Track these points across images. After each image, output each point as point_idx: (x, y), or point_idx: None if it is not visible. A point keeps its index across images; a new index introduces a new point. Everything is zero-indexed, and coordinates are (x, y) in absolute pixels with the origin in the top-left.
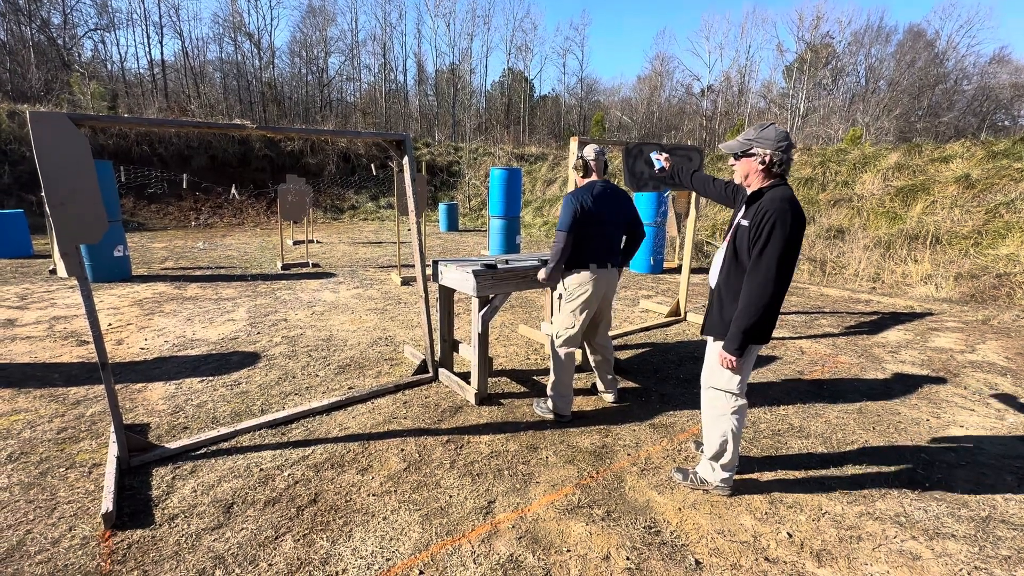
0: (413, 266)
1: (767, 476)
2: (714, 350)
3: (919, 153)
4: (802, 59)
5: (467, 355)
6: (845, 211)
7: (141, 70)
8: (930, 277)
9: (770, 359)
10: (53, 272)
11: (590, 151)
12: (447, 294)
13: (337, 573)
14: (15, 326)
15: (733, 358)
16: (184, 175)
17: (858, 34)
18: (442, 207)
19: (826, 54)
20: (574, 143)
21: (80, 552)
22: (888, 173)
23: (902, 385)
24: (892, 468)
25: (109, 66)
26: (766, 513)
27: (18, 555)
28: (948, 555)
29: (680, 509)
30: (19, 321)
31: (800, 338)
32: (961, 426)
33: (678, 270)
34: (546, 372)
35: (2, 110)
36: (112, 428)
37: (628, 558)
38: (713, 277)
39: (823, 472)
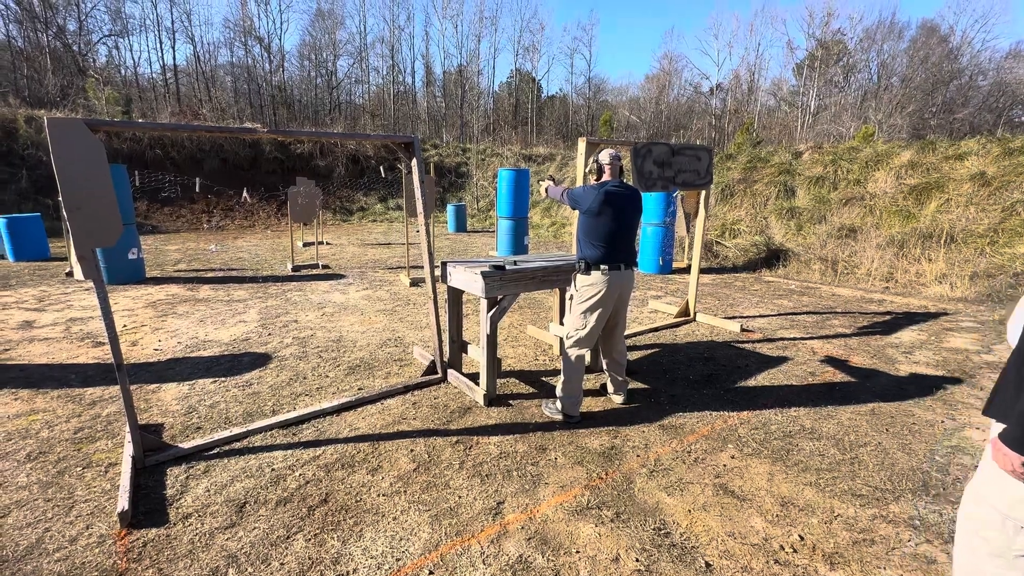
0: (422, 267)
1: (778, 478)
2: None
3: (933, 150)
4: (813, 56)
5: (476, 356)
6: (857, 210)
7: (154, 75)
8: (945, 276)
9: (781, 360)
10: (70, 274)
11: (605, 155)
12: (456, 295)
13: (348, 573)
14: (33, 327)
15: (1018, 459)
16: (196, 178)
17: (870, 30)
18: (450, 208)
19: (837, 51)
20: (582, 143)
21: (97, 550)
22: (901, 171)
23: (916, 386)
24: (906, 470)
25: (123, 71)
26: (777, 515)
27: (37, 552)
28: None
29: (690, 511)
30: (37, 323)
31: (812, 338)
32: (977, 428)
33: (687, 270)
34: (554, 373)
35: (20, 115)
36: (127, 428)
37: (638, 560)
38: (1015, 331)
39: (835, 474)
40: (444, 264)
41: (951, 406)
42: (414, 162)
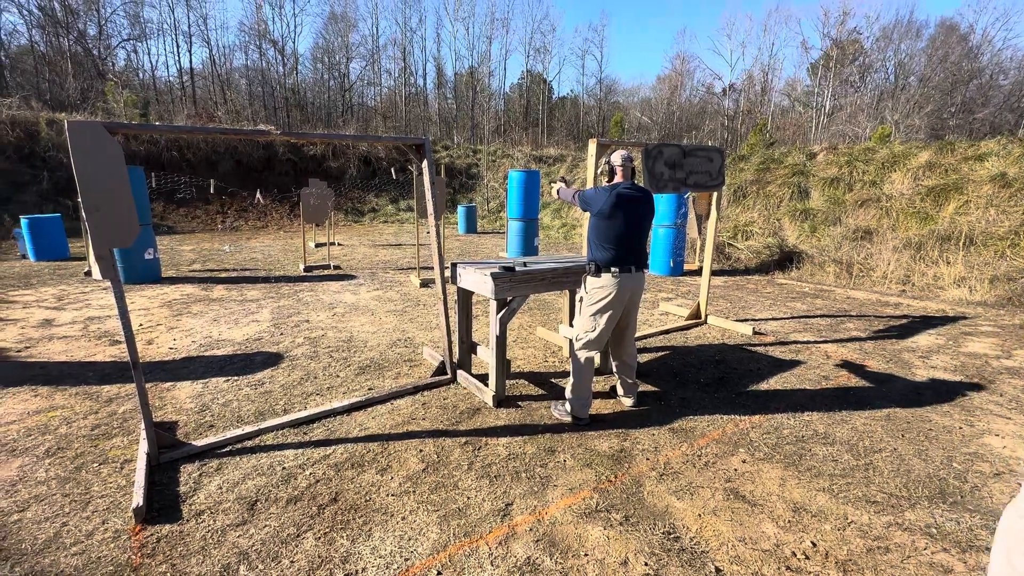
0: (432, 268)
1: (790, 484)
2: None
3: (952, 151)
4: (828, 56)
5: (485, 357)
6: (873, 211)
7: (171, 78)
8: (964, 279)
9: (794, 363)
10: (88, 274)
11: (617, 157)
12: (465, 296)
13: (357, 572)
14: (52, 326)
15: None
16: (211, 180)
17: (887, 29)
18: (461, 209)
19: (853, 50)
20: (593, 145)
21: (112, 545)
22: (919, 172)
23: (933, 391)
24: (922, 477)
25: (141, 75)
26: (789, 521)
27: (55, 546)
28: (982, 569)
29: (700, 515)
30: (56, 321)
31: (825, 342)
32: (996, 435)
33: (698, 272)
34: (564, 375)
35: (42, 118)
36: (143, 426)
37: (646, 564)
38: None
39: (849, 480)
40: (454, 265)
41: (969, 412)
42: (425, 164)
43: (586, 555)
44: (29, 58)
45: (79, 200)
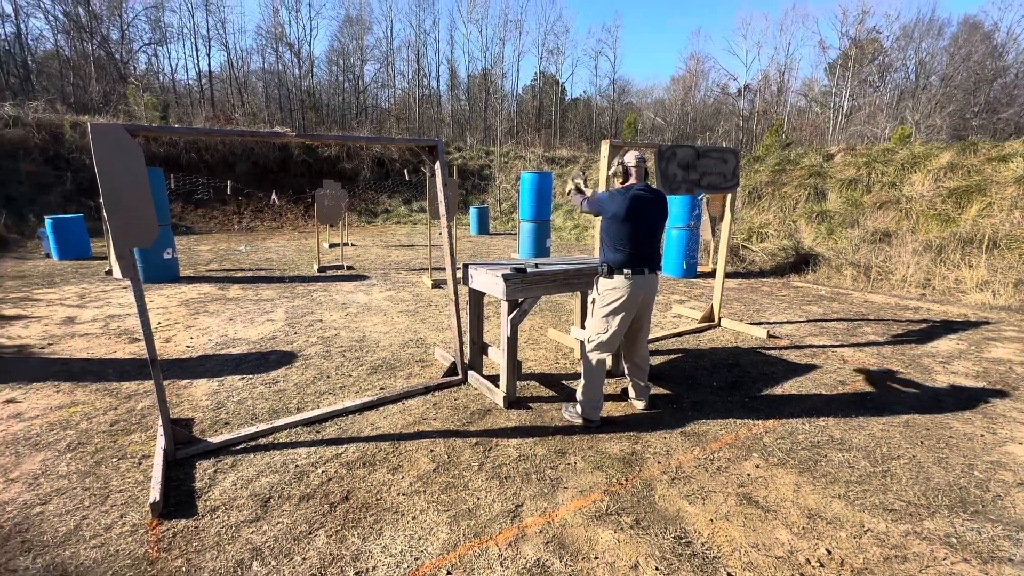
0: (444, 269)
1: (805, 490)
2: None
3: (974, 152)
4: (846, 55)
5: (496, 358)
6: (892, 213)
7: (190, 81)
8: (986, 283)
9: (810, 368)
10: (109, 273)
11: (631, 157)
12: (477, 297)
13: (367, 570)
14: (75, 323)
15: None
16: (228, 181)
17: (907, 28)
18: (473, 210)
19: (872, 50)
20: (605, 146)
21: (130, 539)
22: (940, 173)
23: (954, 398)
24: (942, 485)
25: (161, 78)
26: (803, 528)
27: (75, 539)
28: None
29: (712, 520)
30: (78, 319)
31: (842, 346)
32: (1020, 443)
33: (712, 274)
34: (575, 376)
35: (66, 121)
36: (160, 422)
37: (657, 568)
38: None
39: (865, 487)
40: (466, 266)
41: (992, 419)
42: (437, 165)
43: (596, 558)
44: (54, 62)
45: (101, 201)
